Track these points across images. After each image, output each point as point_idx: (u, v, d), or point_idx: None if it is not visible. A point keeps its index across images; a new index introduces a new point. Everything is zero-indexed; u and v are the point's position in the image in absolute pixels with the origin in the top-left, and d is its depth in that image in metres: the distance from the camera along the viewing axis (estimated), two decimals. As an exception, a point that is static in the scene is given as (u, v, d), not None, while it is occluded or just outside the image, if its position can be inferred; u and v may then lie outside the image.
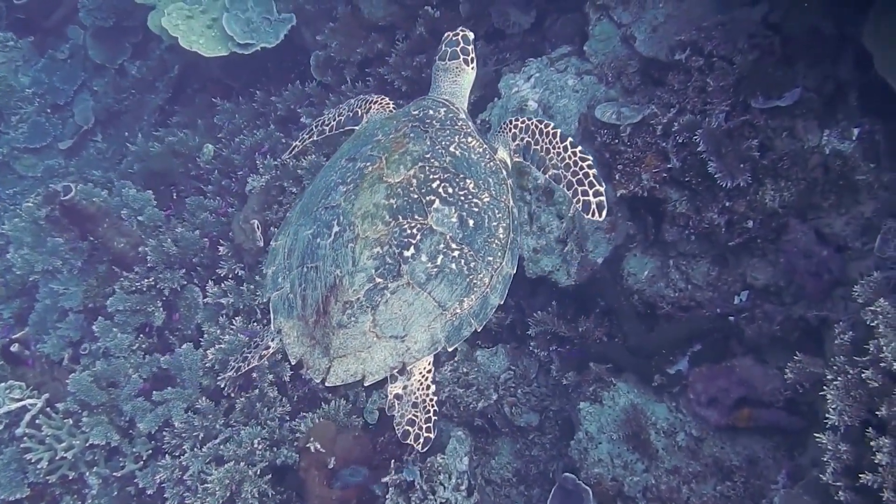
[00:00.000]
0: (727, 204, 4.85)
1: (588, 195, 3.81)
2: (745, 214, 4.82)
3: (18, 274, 7.24)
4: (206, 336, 6.28)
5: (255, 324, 6.21)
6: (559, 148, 3.91)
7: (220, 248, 6.59)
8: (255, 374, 5.90)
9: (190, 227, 7.03)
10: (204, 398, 5.96)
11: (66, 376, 6.33)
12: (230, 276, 6.53)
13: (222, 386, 5.07)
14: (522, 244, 5.46)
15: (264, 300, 3.77)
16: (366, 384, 3.49)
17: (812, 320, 4.74)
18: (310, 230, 3.69)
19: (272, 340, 3.92)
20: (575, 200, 3.84)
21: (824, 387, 4.01)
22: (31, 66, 10.59)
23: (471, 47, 4.29)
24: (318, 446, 5.20)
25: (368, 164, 3.71)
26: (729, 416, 4.85)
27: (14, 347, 6.31)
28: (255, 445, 5.54)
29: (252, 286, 6.36)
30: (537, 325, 5.64)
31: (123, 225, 6.90)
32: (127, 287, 6.66)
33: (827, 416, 3.93)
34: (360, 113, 4.50)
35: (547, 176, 3.96)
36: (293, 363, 3.60)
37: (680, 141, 4.93)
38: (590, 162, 3.85)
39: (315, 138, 4.74)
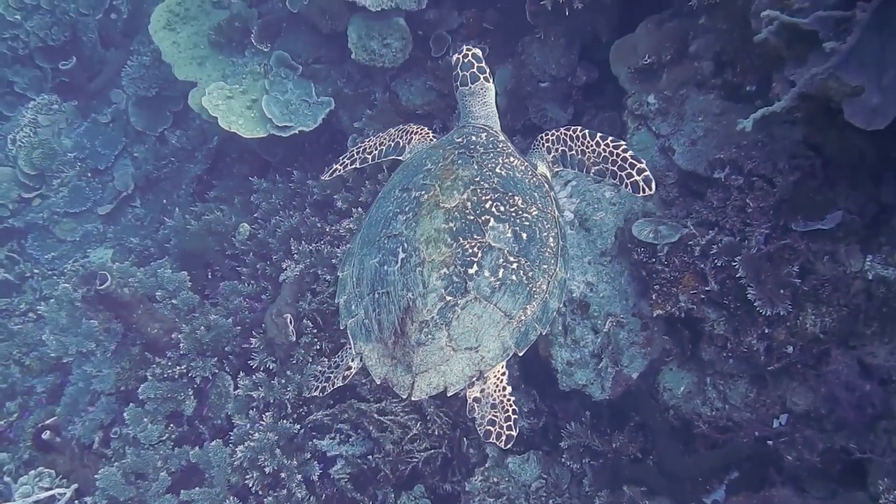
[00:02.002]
0: (767, 330, 4.75)
1: (633, 176, 3.96)
2: (786, 340, 4.72)
3: (53, 356, 7.29)
4: (235, 430, 6.26)
5: (284, 420, 6.18)
6: (592, 145, 4.11)
7: (253, 341, 6.58)
8: (283, 474, 5.87)
9: (223, 313, 7.05)
10: (231, 497, 5.93)
11: (95, 462, 6.35)
12: (262, 368, 6.52)
13: (311, 393, 5.03)
14: (556, 355, 5.40)
15: (341, 327, 4.02)
16: (448, 394, 3.69)
17: (855, 452, 4.60)
18: (375, 259, 3.89)
19: (353, 361, 4.07)
20: (623, 185, 4.00)
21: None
22: (74, 129, 10.80)
23: (483, 63, 4.44)
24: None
25: (423, 192, 3.91)
26: (767, 549, 4.72)
27: (45, 435, 6.34)
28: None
29: (283, 380, 6.34)
30: (570, 438, 5.56)
31: (157, 311, 6.93)
32: (158, 374, 6.68)
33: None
34: (401, 143, 4.69)
35: (592, 174, 4.16)
36: (378, 383, 3.80)
37: (718, 264, 4.85)
38: (623, 146, 4.02)
39: (357, 165, 4.84)
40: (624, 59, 5.80)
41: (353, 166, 4.84)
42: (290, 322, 6.34)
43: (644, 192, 3.95)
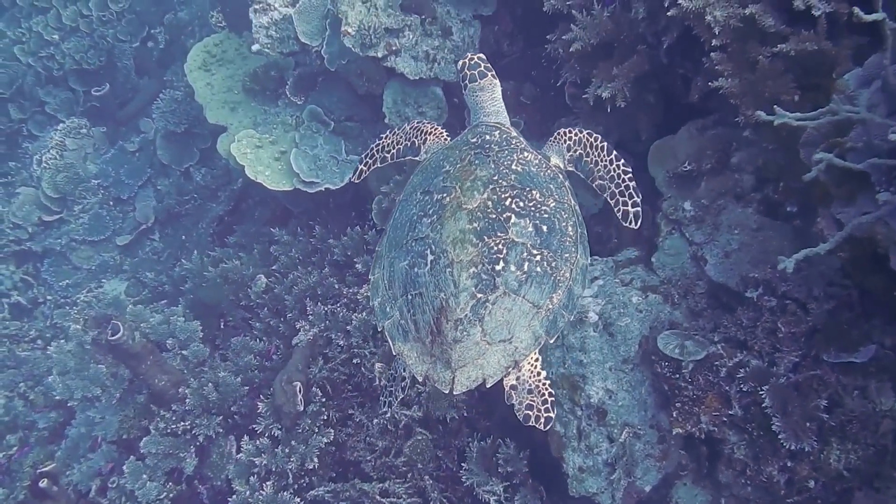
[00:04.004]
0: (789, 463, 4.61)
1: (627, 206, 4.34)
2: (808, 475, 4.57)
3: (57, 399, 7.21)
4: (234, 496, 6.15)
5: (284, 492, 6.06)
6: (606, 161, 4.42)
7: (260, 405, 6.47)
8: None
9: (233, 369, 6.94)
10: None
11: (90, 512, 6.25)
12: (266, 434, 6.40)
13: (382, 409, 4.97)
14: (569, 459, 5.27)
15: (378, 329, 4.28)
16: (487, 386, 3.83)
17: None
18: (405, 262, 4.04)
19: (405, 371, 4.25)
20: (616, 210, 4.38)
21: None
22: (101, 155, 10.79)
23: (489, 64, 4.68)
24: None
25: (445, 194, 4.08)
26: None
27: (42, 483, 6.24)
28: None
29: (287, 449, 6.22)
30: (576, 546, 5.41)
31: (166, 362, 6.83)
32: (162, 429, 6.57)
33: None
34: (416, 143, 4.86)
35: (594, 185, 4.47)
36: (420, 380, 3.96)
37: (744, 389, 4.72)
38: (630, 175, 4.35)
39: (378, 165, 5.02)
40: (663, 161, 5.71)
41: (376, 166, 5.01)
42: (299, 391, 6.23)
43: (632, 224, 4.32)
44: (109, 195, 10.49)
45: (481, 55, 4.73)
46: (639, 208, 4.30)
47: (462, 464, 5.97)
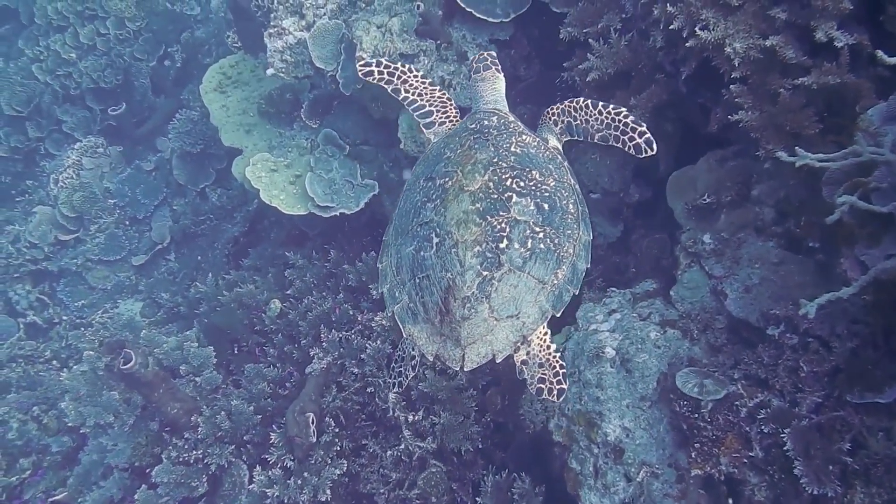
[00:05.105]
0: (811, 508, 4.48)
1: (635, 139, 4.36)
2: (832, 521, 4.45)
3: (70, 425, 7.17)
4: (246, 528, 6.10)
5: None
6: (594, 114, 4.50)
7: (273, 436, 6.40)
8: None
9: (246, 396, 6.88)
10: None
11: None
12: (279, 464, 6.33)
13: (391, 391, 5.18)
14: (585, 498, 5.16)
15: (388, 314, 4.42)
16: (497, 361, 3.94)
17: None
18: (411, 247, 4.15)
19: (413, 350, 4.28)
20: (626, 149, 4.39)
21: None
22: (117, 174, 10.79)
23: (498, 63, 4.95)
24: None
25: (447, 179, 4.20)
26: None
27: (55, 512, 6.21)
28: None
29: (300, 481, 6.14)
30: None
31: (179, 390, 6.79)
32: (174, 458, 6.53)
33: None
34: (435, 118, 5.00)
35: (597, 140, 4.52)
36: (431, 360, 4.05)
37: (765, 430, 4.60)
38: (625, 112, 4.40)
39: (386, 86, 5.16)
40: (681, 193, 5.59)
41: (383, 82, 5.12)
42: (312, 422, 6.17)
43: (645, 153, 4.33)
44: (125, 215, 10.50)
45: (492, 52, 5.00)
46: (647, 135, 4.33)
47: (477, 498, 5.90)
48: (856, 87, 4.43)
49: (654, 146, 4.30)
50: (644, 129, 4.33)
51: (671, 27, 4.95)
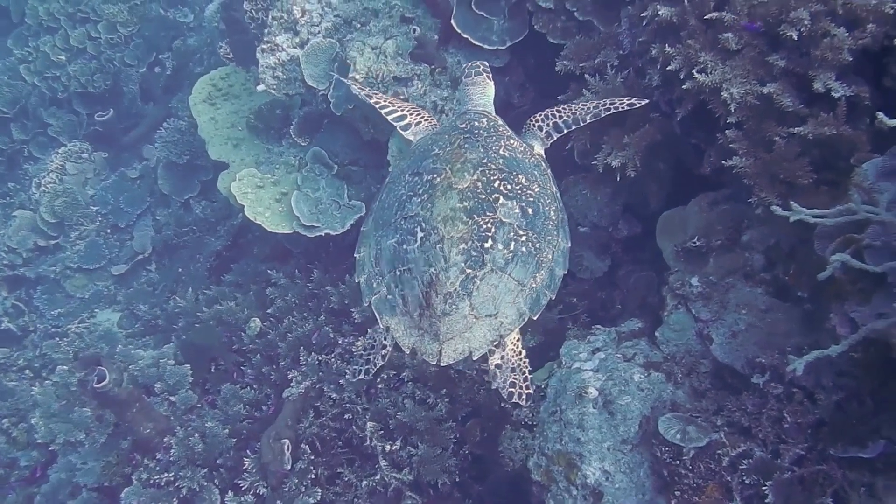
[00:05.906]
0: (792, 564, 4.41)
1: (624, 107, 5.04)
2: (811, 577, 4.38)
3: (39, 442, 7.01)
4: (215, 554, 5.96)
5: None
6: (580, 105, 5.06)
7: (246, 462, 6.27)
8: None
9: (221, 418, 6.75)
10: None
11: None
12: (252, 491, 6.20)
13: (356, 377, 4.86)
14: None
15: (364, 304, 4.43)
16: (473, 358, 4.08)
17: None
18: (393, 239, 4.23)
19: (385, 339, 4.32)
20: (618, 110, 5.03)
21: None
22: (101, 181, 10.63)
23: (490, 72, 5.26)
24: None
25: (436, 175, 4.29)
26: None
27: (19, 531, 6.05)
28: None
29: (272, 509, 6.03)
30: None
31: (152, 409, 6.65)
32: (144, 480, 6.38)
33: None
34: (410, 121, 5.19)
35: (588, 120, 5.02)
36: (407, 353, 4.14)
37: (747, 481, 4.53)
38: (596, 103, 5.05)
39: (369, 100, 5.48)
40: (671, 234, 5.54)
41: (368, 98, 5.47)
42: (287, 449, 6.05)
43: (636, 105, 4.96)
44: (107, 223, 10.30)
45: (485, 62, 5.32)
46: (635, 102, 4.98)
47: (452, 533, 5.80)
48: (851, 140, 4.39)
49: (645, 101, 4.98)
50: (633, 100, 5.00)
51: (668, 68, 4.91)
